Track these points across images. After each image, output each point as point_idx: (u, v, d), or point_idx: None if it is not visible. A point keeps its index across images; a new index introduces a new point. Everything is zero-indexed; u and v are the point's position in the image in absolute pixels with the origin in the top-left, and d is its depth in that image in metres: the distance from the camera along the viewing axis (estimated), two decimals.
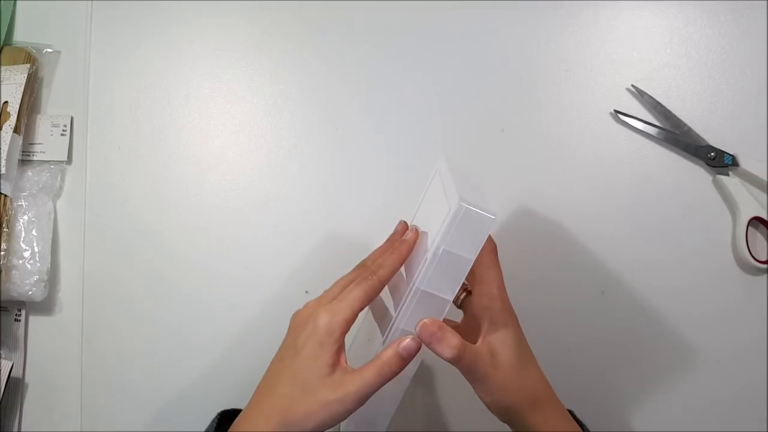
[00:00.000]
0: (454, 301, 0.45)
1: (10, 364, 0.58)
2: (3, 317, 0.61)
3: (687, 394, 0.59)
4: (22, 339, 0.61)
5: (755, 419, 0.58)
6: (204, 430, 0.48)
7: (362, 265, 0.48)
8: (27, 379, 0.61)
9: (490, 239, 0.47)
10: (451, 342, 0.42)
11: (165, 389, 0.60)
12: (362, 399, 0.42)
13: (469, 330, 0.47)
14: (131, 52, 0.66)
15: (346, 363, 0.43)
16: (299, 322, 0.45)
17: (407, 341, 0.43)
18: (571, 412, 0.48)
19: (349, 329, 0.43)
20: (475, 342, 0.45)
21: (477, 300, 0.47)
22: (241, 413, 0.46)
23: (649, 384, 0.59)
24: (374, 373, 0.42)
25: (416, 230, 0.47)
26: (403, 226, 0.51)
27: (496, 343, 0.45)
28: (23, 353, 0.61)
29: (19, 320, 0.61)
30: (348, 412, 0.42)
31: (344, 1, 0.65)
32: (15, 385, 0.60)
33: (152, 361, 0.61)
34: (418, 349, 0.43)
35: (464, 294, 0.48)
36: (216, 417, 0.48)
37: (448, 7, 0.65)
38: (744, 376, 0.59)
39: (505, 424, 0.46)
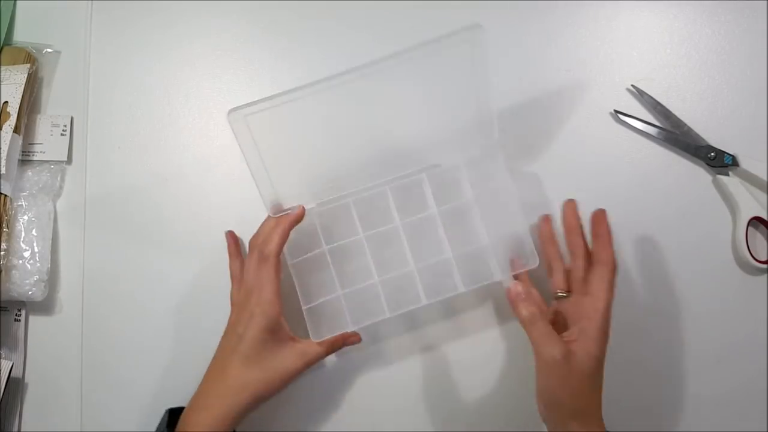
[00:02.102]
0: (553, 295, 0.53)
1: (10, 364, 0.58)
2: (3, 317, 0.61)
3: (687, 394, 0.59)
4: (22, 339, 0.61)
5: (755, 419, 0.58)
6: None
7: (255, 246, 0.55)
8: (27, 379, 0.61)
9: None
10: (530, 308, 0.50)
11: (165, 389, 0.60)
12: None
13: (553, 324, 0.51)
14: (131, 51, 0.66)
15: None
16: (237, 312, 0.54)
17: None
18: None
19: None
20: None
21: (579, 308, 0.52)
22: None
23: (649, 384, 0.59)
24: None
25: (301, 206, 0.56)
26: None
27: (582, 351, 0.48)
28: (23, 353, 0.61)
29: (19, 320, 0.61)
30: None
31: (344, 0, 0.65)
32: (15, 385, 0.60)
33: (152, 361, 0.61)
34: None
35: (562, 294, 0.54)
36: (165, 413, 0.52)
37: (448, 7, 0.65)
38: (744, 376, 0.59)
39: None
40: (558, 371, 0.48)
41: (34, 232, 0.61)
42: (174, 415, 0.52)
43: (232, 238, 0.61)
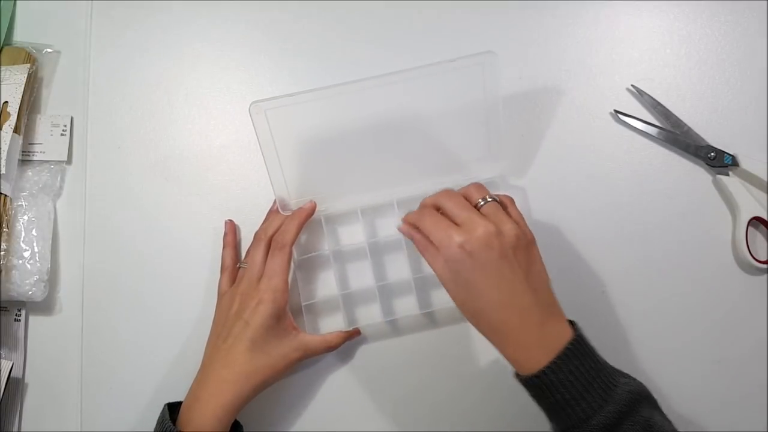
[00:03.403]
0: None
1: (10, 364, 0.58)
2: (3, 317, 0.61)
3: (687, 394, 0.59)
4: (22, 339, 0.61)
5: (755, 419, 0.58)
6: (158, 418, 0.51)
7: (263, 237, 0.56)
8: (27, 379, 0.61)
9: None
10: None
11: (165, 389, 0.60)
12: None
13: None
14: (131, 51, 0.66)
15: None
16: (242, 300, 0.54)
17: None
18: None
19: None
20: None
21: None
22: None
23: (649, 384, 0.59)
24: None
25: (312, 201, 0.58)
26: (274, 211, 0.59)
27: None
28: (23, 353, 0.61)
29: (19, 320, 0.61)
30: None
31: (344, 1, 0.65)
32: (15, 385, 0.60)
33: (152, 362, 0.61)
34: None
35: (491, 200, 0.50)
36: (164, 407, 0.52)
37: (449, 7, 0.65)
38: (744, 376, 0.59)
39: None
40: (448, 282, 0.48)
41: (34, 232, 0.61)
42: (173, 409, 0.52)
43: (231, 228, 0.61)
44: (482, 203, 0.49)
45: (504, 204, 0.51)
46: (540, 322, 0.46)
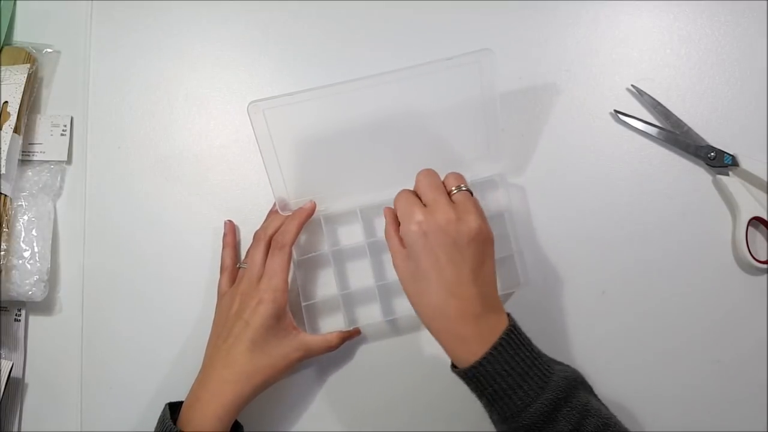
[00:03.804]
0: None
1: (10, 364, 0.58)
2: (3, 317, 0.61)
3: (687, 394, 0.59)
4: (22, 339, 0.61)
5: (755, 419, 0.58)
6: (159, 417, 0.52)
7: (263, 237, 0.56)
8: (27, 379, 0.61)
9: None
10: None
11: (165, 389, 0.60)
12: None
13: None
14: (131, 52, 0.66)
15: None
16: (242, 300, 0.54)
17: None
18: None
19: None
20: None
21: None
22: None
23: (649, 384, 0.59)
24: None
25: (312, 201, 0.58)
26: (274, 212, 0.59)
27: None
28: (23, 353, 0.61)
29: (19, 320, 0.61)
30: None
31: (344, 1, 0.65)
32: (15, 385, 0.60)
33: (152, 361, 0.61)
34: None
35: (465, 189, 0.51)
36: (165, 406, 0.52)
37: (449, 7, 0.65)
38: (744, 377, 0.59)
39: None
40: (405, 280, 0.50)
41: (34, 232, 0.61)
42: (174, 408, 0.52)
43: (230, 228, 0.61)
44: (455, 191, 0.50)
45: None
46: (478, 314, 0.47)
